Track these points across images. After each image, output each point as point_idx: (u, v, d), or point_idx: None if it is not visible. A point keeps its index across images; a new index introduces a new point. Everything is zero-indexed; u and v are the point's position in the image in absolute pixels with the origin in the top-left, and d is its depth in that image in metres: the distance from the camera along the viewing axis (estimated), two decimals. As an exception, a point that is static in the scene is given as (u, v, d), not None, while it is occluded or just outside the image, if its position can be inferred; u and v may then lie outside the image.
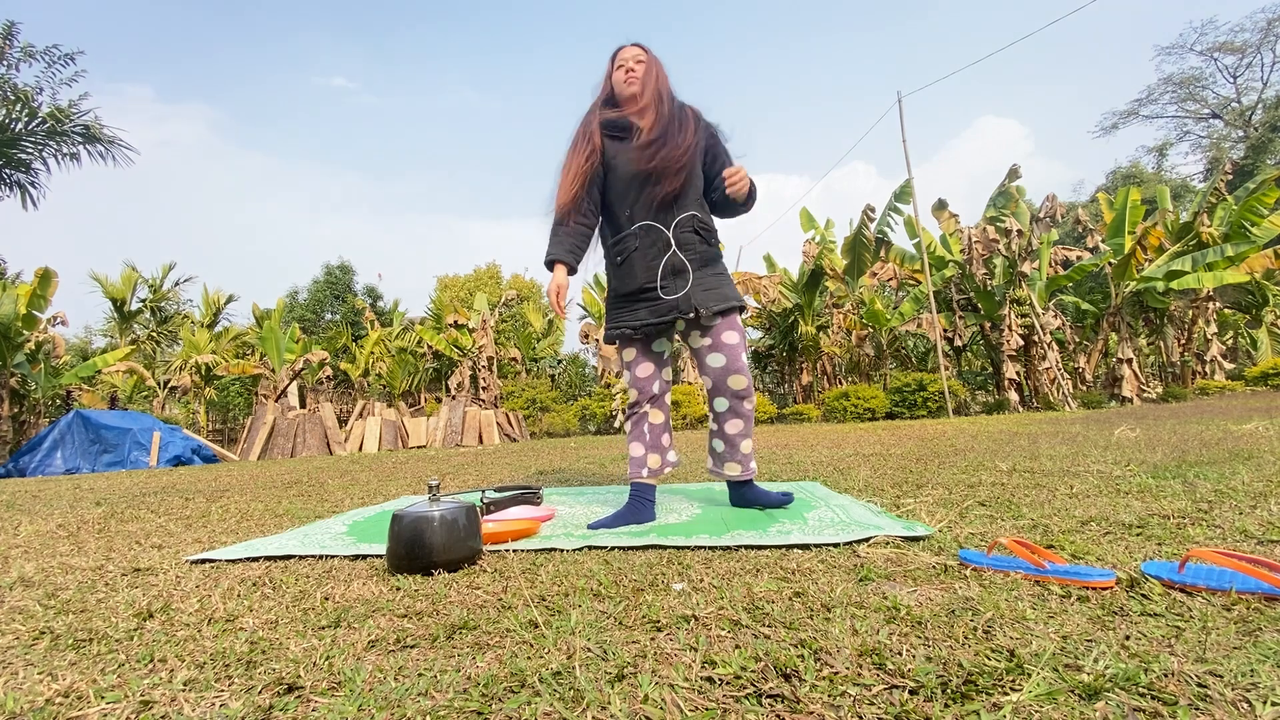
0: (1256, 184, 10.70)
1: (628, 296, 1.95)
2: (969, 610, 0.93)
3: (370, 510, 2.41)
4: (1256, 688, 0.66)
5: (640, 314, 1.92)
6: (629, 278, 1.93)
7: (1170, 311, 12.49)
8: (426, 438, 10.42)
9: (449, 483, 3.58)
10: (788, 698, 0.69)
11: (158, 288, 16.57)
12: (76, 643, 0.98)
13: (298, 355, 13.87)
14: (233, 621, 1.06)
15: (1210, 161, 24.66)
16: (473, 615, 1.03)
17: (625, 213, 1.93)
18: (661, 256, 1.90)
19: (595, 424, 13.19)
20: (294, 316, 22.20)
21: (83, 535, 2.12)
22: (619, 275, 1.96)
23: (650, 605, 1.03)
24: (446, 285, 25.10)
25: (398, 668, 0.82)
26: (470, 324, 15.20)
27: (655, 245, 1.90)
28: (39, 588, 1.37)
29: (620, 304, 1.98)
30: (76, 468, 7.38)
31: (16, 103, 9.16)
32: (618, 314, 1.98)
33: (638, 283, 1.91)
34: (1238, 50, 23.86)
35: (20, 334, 9.96)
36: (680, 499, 2.29)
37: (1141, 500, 1.74)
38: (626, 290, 1.94)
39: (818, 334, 13.64)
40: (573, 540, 1.60)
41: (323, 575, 1.37)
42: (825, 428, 8.35)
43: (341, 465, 5.79)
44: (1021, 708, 0.64)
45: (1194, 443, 3.19)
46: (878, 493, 2.17)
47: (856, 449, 4.21)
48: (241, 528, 2.13)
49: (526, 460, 5.06)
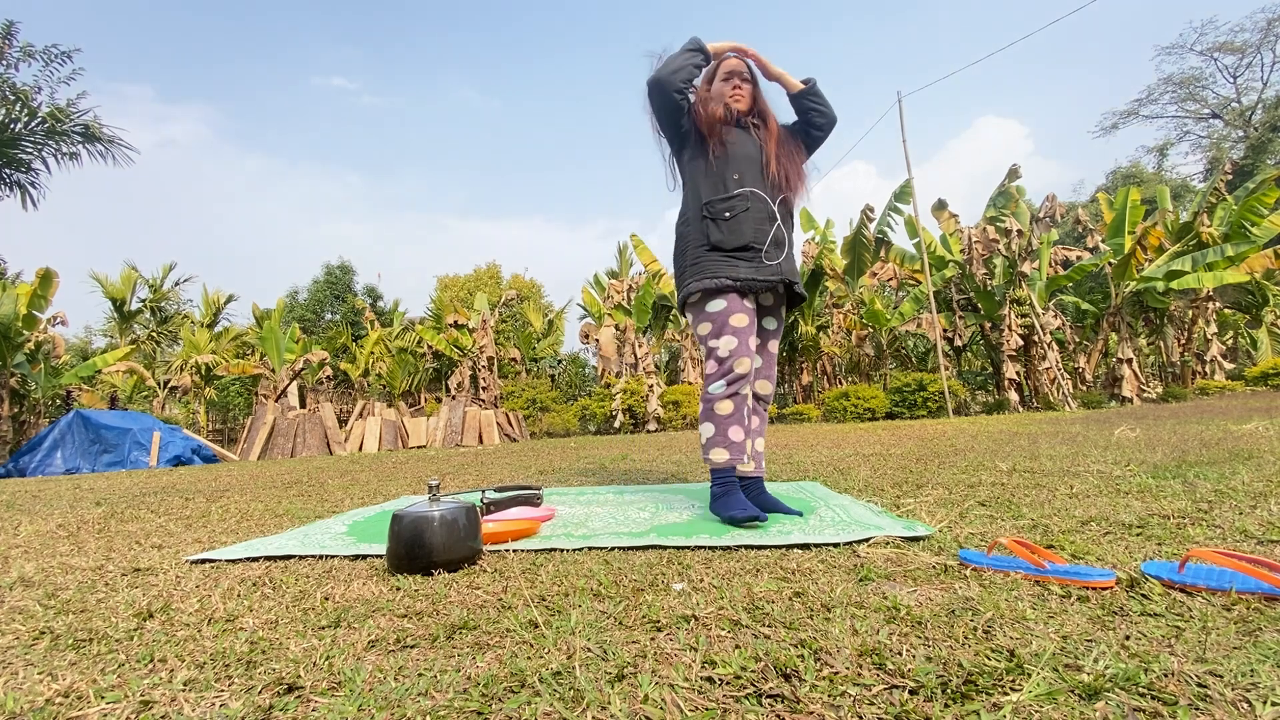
0: (1256, 184, 10.70)
1: (730, 251, 1.87)
2: (969, 610, 0.93)
3: (370, 510, 2.41)
4: (1256, 688, 0.66)
5: (741, 270, 1.86)
6: (736, 233, 1.87)
7: (1170, 311, 12.49)
8: (426, 438, 10.42)
9: (449, 483, 3.58)
10: (788, 698, 0.68)
11: (158, 288, 16.57)
12: (76, 643, 0.98)
13: (298, 355, 13.87)
14: (233, 621, 1.06)
15: (1210, 161, 24.67)
16: (473, 615, 1.03)
17: (734, 175, 1.92)
18: (769, 225, 1.91)
19: (595, 424, 13.18)
20: (294, 316, 22.20)
21: (83, 535, 2.12)
22: (724, 229, 1.88)
23: (650, 605, 1.02)
24: (446, 285, 25.09)
25: (398, 668, 0.82)
26: (470, 324, 15.20)
27: (764, 213, 1.91)
28: (39, 588, 1.37)
29: (717, 256, 1.88)
30: (76, 468, 7.38)
31: (16, 103, 9.16)
32: (714, 265, 1.87)
33: (744, 239, 1.87)
34: (1238, 50, 23.87)
35: (20, 334, 9.96)
36: (680, 499, 2.29)
37: (1141, 500, 1.74)
38: (731, 245, 1.87)
39: (818, 334, 13.64)
40: (573, 540, 1.60)
41: (323, 575, 1.37)
42: (825, 428, 8.36)
43: (341, 465, 5.79)
44: (1021, 708, 0.64)
45: (1194, 443, 3.19)
46: (878, 493, 2.17)
47: (856, 449, 4.21)
48: (241, 528, 2.13)
49: (526, 460, 5.06)
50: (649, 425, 12.30)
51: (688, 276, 1.93)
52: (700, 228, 1.93)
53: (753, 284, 1.87)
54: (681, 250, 1.98)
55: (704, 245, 1.91)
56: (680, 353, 14.33)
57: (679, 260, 1.99)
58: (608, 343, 13.78)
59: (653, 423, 12.32)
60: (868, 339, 13.18)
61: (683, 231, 2.00)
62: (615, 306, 14.85)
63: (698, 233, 1.93)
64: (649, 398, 12.39)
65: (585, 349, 18.37)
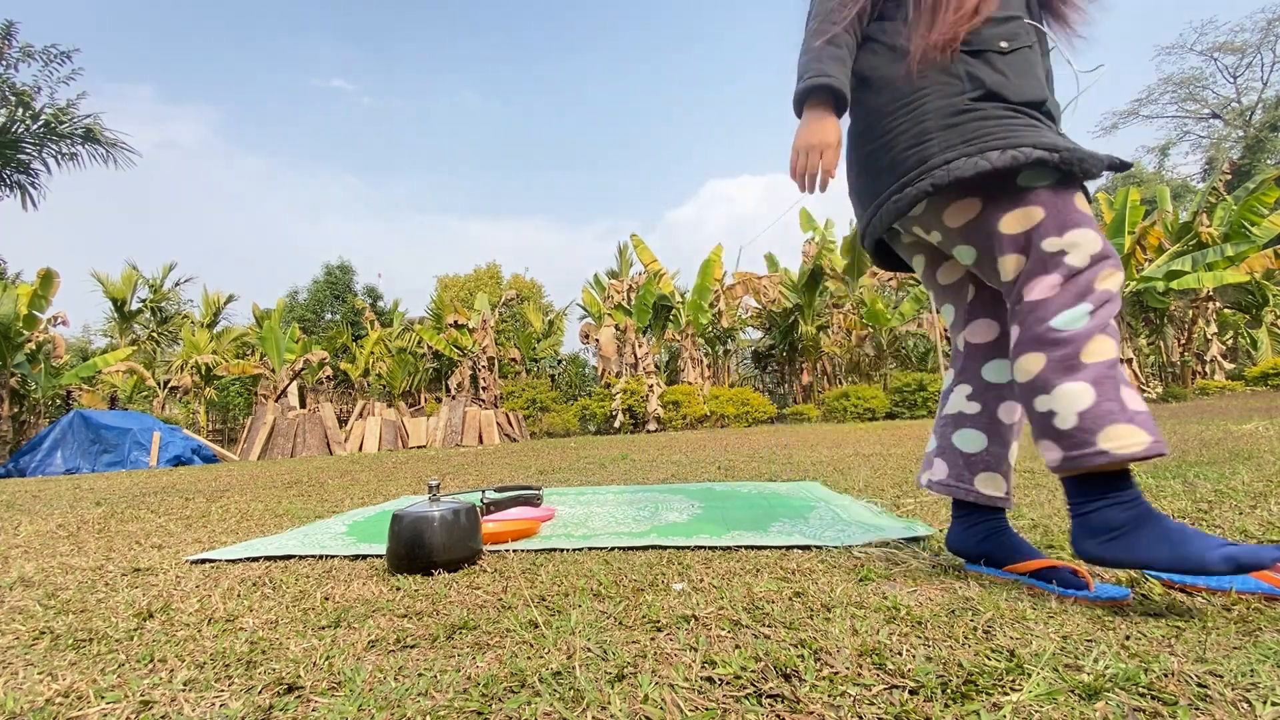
0: (1256, 184, 10.71)
1: (1019, 106, 1.09)
2: (969, 610, 0.93)
3: (370, 510, 2.41)
4: (1256, 688, 0.66)
5: (1047, 136, 1.05)
6: (1026, 75, 1.11)
7: (1170, 311, 12.50)
8: (426, 438, 10.43)
9: (449, 483, 3.58)
10: (788, 698, 0.68)
11: (158, 288, 16.58)
12: (76, 643, 0.98)
13: (298, 355, 13.87)
14: (233, 621, 1.06)
15: (1210, 161, 24.67)
16: (473, 615, 1.03)
17: None
18: (1048, 82, 1.20)
19: (595, 424, 13.19)
20: (294, 316, 22.20)
21: (83, 535, 2.12)
22: (1005, 68, 1.09)
23: (650, 605, 1.02)
24: (446, 285, 25.09)
25: (398, 668, 0.82)
26: (470, 324, 15.21)
27: (1042, 62, 1.18)
28: (39, 588, 1.37)
29: (1000, 111, 1.08)
30: (76, 468, 7.38)
31: (19, 106, 9.17)
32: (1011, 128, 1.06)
33: (1038, 92, 1.11)
34: (1238, 50, 23.88)
35: (20, 334, 9.96)
36: (680, 499, 2.29)
37: (1141, 500, 1.74)
38: (1023, 97, 1.09)
39: (818, 334, 13.65)
40: (573, 540, 1.60)
41: (323, 575, 1.37)
42: (825, 428, 8.36)
43: (341, 465, 5.79)
44: (1021, 708, 0.64)
45: (1194, 442, 3.19)
46: (878, 493, 2.17)
47: (856, 449, 4.21)
48: (241, 528, 2.13)
49: (526, 460, 5.06)
50: (649, 425, 12.31)
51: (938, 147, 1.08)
52: (952, 68, 1.11)
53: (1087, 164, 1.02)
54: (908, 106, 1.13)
55: (966, 93, 1.09)
56: (680, 352, 14.34)
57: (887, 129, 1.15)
58: (608, 343, 13.78)
59: (653, 423, 12.33)
60: (868, 339, 13.19)
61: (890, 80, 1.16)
62: (615, 306, 14.86)
63: (942, 78, 1.11)
64: (649, 398, 12.40)
65: (585, 349, 18.38)
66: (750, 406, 12.20)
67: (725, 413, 12.09)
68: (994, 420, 1.18)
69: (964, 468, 1.18)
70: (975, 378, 1.21)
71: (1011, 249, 1.05)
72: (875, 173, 1.18)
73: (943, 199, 1.11)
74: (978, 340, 1.22)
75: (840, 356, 13.93)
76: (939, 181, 1.06)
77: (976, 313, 1.23)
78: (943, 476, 1.21)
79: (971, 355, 1.23)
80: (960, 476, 1.18)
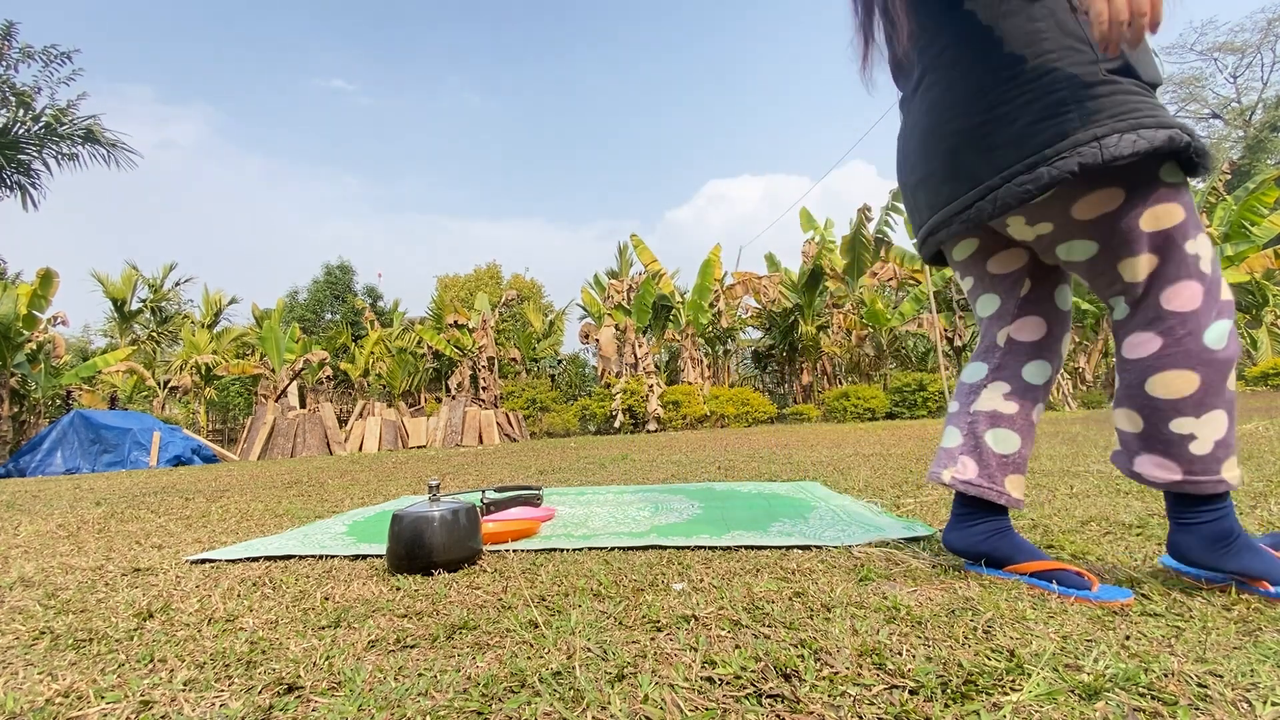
0: (1256, 184, 10.72)
1: (1151, 86, 0.98)
2: (969, 610, 0.93)
3: (370, 510, 2.41)
4: (1256, 688, 0.66)
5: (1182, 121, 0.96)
6: (1147, 52, 0.99)
7: (1170, 311, 12.47)
8: (426, 438, 10.43)
9: (449, 483, 3.58)
10: (788, 698, 0.68)
11: (158, 288, 16.58)
12: (76, 643, 0.98)
13: (298, 355, 13.88)
14: (233, 621, 1.06)
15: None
16: (473, 615, 1.03)
17: None
18: None
19: (595, 424, 13.19)
20: (294, 316, 22.21)
21: (83, 535, 2.12)
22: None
23: (650, 605, 1.02)
24: (446, 285, 25.10)
25: (398, 668, 0.82)
26: (470, 324, 15.21)
27: None
28: (39, 588, 1.37)
29: (1134, 89, 0.95)
30: (76, 468, 7.38)
31: (19, 107, 9.18)
32: (1155, 106, 0.95)
33: (1158, 75, 1.01)
34: (1238, 50, 23.89)
35: (20, 334, 9.96)
36: (680, 499, 2.29)
37: (1141, 500, 1.74)
38: (1150, 77, 0.98)
39: (818, 334, 13.65)
40: (573, 540, 1.60)
41: (323, 575, 1.37)
42: (825, 428, 8.36)
43: (341, 465, 5.79)
44: (1021, 708, 0.64)
45: (1194, 443, 3.19)
46: (878, 493, 2.17)
47: (856, 449, 4.21)
48: (241, 528, 2.13)
49: (526, 460, 5.06)
50: (649, 425, 12.31)
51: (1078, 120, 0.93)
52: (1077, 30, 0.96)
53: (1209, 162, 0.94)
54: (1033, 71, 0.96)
55: (1101, 62, 0.94)
56: (680, 352, 14.34)
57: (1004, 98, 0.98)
58: (608, 343, 13.78)
59: (653, 423, 12.33)
60: (868, 339, 13.19)
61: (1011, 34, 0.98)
62: (615, 306, 14.86)
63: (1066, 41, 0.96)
64: (649, 398, 12.40)
65: (585, 349, 18.39)
66: (750, 406, 12.21)
67: (725, 413, 12.10)
68: (1028, 423, 1.14)
69: (996, 469, 1.12)
70: (1015, 377, 1.15)
71: (1148, 248, 0.95)
72: (985, 149, 1.01)
73: (1079, 186, 0.95)
74: (1024, 338, 1.15)
75: (840, 356, 13.93)
76: (1088, 161, 0.90)
77: (1028, 309, 1.14)
78: (972, 476, 1.13)
79: (1013, 352, 1.16)
80: (992, 478, 1.12)
